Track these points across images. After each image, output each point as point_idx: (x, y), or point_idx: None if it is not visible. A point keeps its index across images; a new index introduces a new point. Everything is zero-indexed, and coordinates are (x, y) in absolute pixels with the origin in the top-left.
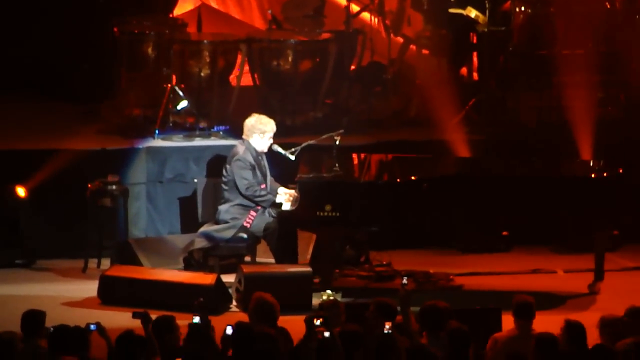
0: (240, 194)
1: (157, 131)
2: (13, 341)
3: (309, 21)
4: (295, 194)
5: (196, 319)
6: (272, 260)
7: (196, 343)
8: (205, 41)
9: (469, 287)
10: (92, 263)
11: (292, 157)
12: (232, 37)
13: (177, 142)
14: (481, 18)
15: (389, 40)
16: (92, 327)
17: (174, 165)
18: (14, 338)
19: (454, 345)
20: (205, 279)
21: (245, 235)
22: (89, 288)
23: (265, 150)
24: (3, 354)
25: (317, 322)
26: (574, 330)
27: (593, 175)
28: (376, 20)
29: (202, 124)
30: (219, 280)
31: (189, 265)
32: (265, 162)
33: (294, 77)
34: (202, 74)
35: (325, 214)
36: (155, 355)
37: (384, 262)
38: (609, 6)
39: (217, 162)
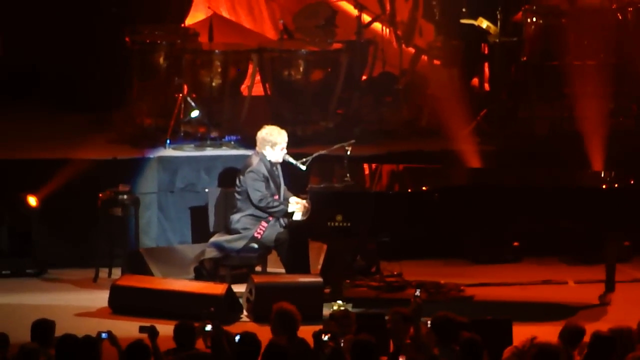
0: (253, 205)
1: (168, 141)
2: (37, 352)
3: (321, 31)
4: (307, 204)
5: (208, 327)
6: (283, 271)
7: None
8: (216, 51)
9: (479, 298)
10: (103, 272)
11: (303, 167)
12: (243, 47)
13: (188, 151)
14: (492, 29)
15: (400, 50)
16: (104, 335)
17: (185, 175)
18: (37, 349)
19: (466, 356)
20: (216, 289)
21: (256, 246)
22: (100, 297)
23: (280, 161)
24: None
25: (325, 338)
26: (603, 343)
27: (604, 186)
28: (388, 30)
29: (214, 134)
30: (229, 290)
31: (199, 275)
32: (279, 173)
33: (305, 87)
34: (214, 84)
35: (336, 224)
36: None
37: (395, 273)
38: (620, 17)
39: (229, 172)
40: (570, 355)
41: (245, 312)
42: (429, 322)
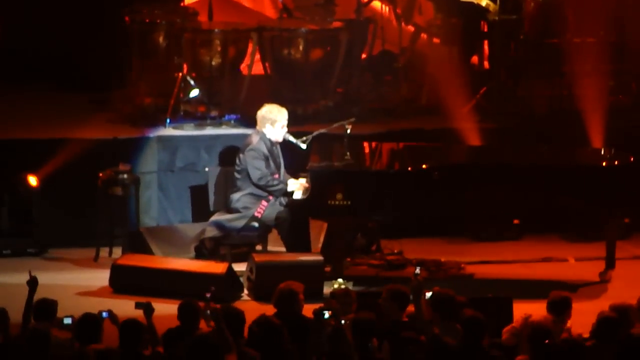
0: (253, 183)
1: (168, 120)
2: (48, 333)
3: (320, 10)
4: (307, 184)
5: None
6: (284, 249)
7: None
8: (216, 30)
9: (480, 276)
10: (104, 252)
11: (304, 146)
12: (243, 26)
13: (188, 131)
14: (492, 6)
15: (399, 28)
16: (104, 314)
17: (185, 154)
18: (48, 331)
19: (469, 334)
20: (216, 267)
21: (256, 225)
22: (101, 277)
23: (280, 140)
24: (39, 347)
25: (327, 315)
26: (607, 324)
27: (604, 163)
28: (387, 8)
29: (213, 113)
30: (230, 269)
31: (200, 254)
32: (279, 153)
33: (305, 65)
34: (213, 63)
35: (337, 202)
36: (158, 345)
37: (395, 251)
38: None
39: (228, 151)
40: (561, 326)
41: (246, 291)
42: (428, 293)
